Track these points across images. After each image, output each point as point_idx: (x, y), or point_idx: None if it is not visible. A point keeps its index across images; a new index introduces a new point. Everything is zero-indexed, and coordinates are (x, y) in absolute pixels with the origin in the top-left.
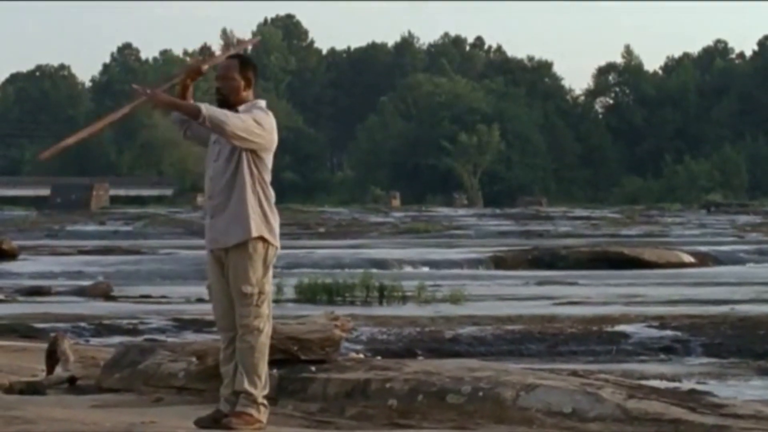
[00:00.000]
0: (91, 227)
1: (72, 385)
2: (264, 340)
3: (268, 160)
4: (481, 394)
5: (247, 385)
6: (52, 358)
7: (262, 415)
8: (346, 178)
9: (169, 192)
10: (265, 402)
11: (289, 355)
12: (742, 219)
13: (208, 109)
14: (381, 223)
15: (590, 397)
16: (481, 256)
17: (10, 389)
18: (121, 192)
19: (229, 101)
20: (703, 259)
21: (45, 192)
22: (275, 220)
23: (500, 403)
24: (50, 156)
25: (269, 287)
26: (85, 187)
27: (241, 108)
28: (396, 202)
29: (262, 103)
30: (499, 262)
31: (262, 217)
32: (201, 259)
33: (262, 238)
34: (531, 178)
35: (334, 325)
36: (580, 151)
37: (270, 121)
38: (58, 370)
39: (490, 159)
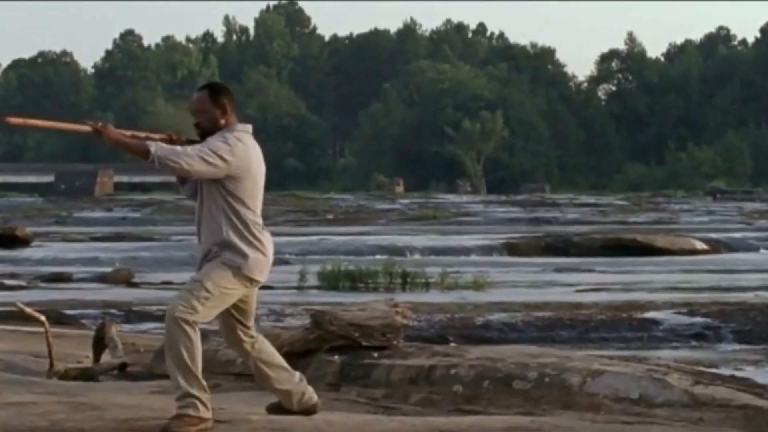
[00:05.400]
0: (98, 214)
1: (122, 371)
2: (188, 332)
3: (241, 187)
4: (547, 380)
5: (180, 380)
6: (100, 344)
7: (202, 412)
8: (348, 164)
9: (172, 178)
10: (203, 398)
11: (350, 342)
12: (749, 206)
13: (157, 149)
14: (388, 210)
15: (657, 383)
16: (493, 242)
17: (65, 375)
18: (125, 179)
19: (209, 133)
20: (716, 246)
21: (48, 179)
22: (253, 250)
23: (567, 389)
24: (15, 123)
25: (218, 300)
26: (90, 174)
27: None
28: (399, 189)
29: (237, 129)
30: (512, 249)
31: (231, 247)
32: None
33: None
34: (534, 165)
35: (395, 311)
36: (583, 138)
37: (230, 148)
38: (106, 357)
39: (493, 146)
